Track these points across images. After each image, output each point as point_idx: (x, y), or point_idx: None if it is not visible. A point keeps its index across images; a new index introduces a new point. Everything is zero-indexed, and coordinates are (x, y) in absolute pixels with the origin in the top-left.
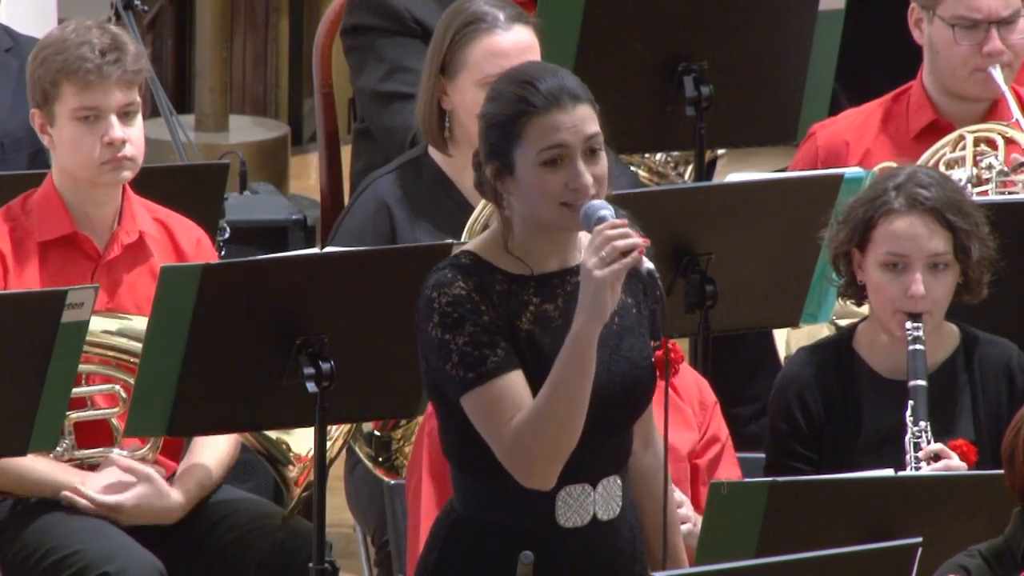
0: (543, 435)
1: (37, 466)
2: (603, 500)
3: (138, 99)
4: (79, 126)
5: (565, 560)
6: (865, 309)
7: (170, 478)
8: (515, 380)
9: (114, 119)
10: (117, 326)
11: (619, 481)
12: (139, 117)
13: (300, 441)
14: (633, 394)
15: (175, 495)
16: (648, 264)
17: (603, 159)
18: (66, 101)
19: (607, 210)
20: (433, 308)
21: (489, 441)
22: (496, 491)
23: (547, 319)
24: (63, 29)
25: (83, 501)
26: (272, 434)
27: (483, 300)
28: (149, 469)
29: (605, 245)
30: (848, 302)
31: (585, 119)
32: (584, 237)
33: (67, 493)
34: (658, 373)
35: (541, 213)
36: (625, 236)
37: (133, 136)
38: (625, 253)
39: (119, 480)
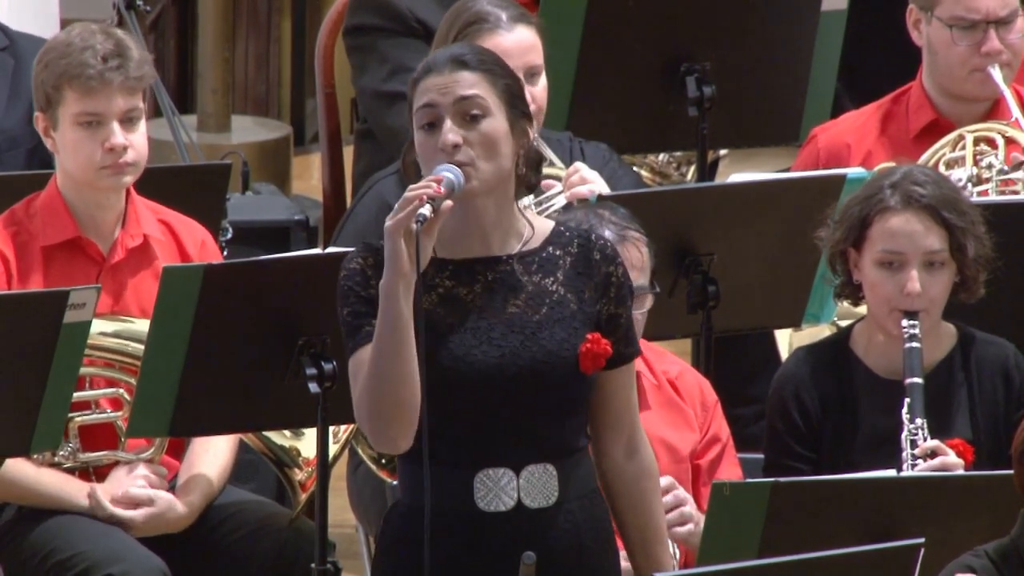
0: (369, 395)
1: (44, 479)
2: (530, 487)
3: (141, 104)
4: (81, 131)
5: (489, 545)
6: (863, 309)
7: (172, 479)
8: None
9: (116, 125)
10: (121, 329)
11: (553, 470)
12: (142, 122)
13: (310, 446)
14: (544, 381)
15: (180, 507)
16: (422, 210)
17: (486, 125)
18: (68, 106)
19: (448, 172)
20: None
21: None
22: (419, 473)
23: (456, 301)
24: (69, 33)
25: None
26: (284, 441)
27: (375, 275)
28: (151, 492)
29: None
30: (845, 302)
31: (461, 82)
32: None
33: (85, 500)
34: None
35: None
36: (423, 188)
37: (135, 142)
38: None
39: (125, 495)
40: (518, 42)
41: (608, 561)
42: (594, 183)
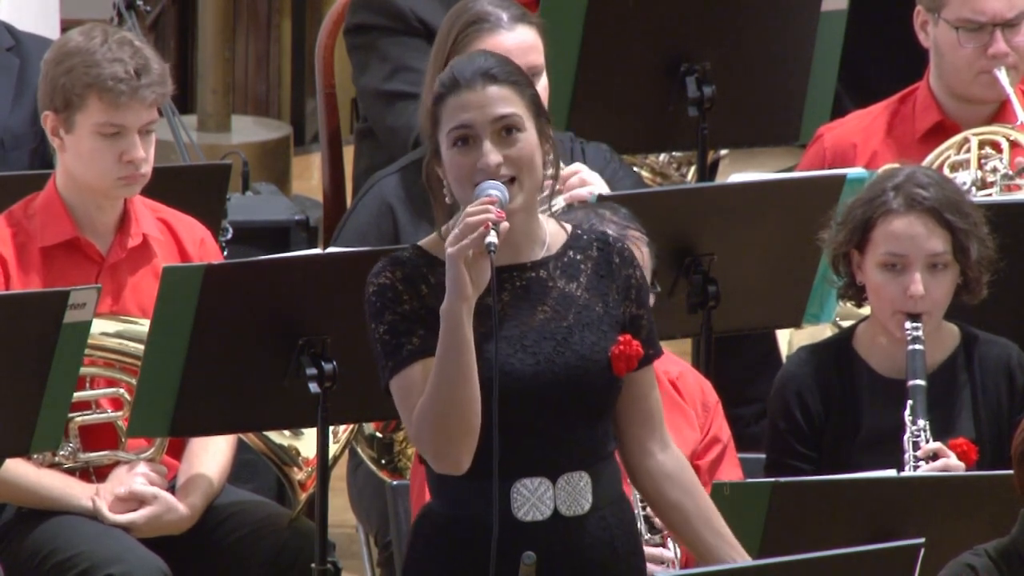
0: (433, 417)
1: (46, 481)
2: (566, 495)
3: (157, 115)
4: (100, 140)
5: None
6: (866, 310)
7: (172, 479)
8: (428, 368)
9: (136, 138)
10: (121, 329)
11: (588, 477)
12: (154, 133)
13: (310, 445)
14: (580, 387)
15: (182, 508)
16: (489, 238)
17: (523, 140)
18: (91, 115)
19: (495, 190)
20: (365, 299)
21: (405, 428)
22: (455, 483)
23: (486, 309)
24: (88, 38)
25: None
26: (283, 440)
27: (407, 290)
28: (154, 489)
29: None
30: (848, 303)
31: (496, 99)
32: (547, 233)
33: (89, 502)
34: (623, 367)
35: (461, 196)
36: (482, 212)
37: (149, 153)
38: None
39: (129, 491)
40: (519, 42)
41: (638, 566)
42: (593, 185)
